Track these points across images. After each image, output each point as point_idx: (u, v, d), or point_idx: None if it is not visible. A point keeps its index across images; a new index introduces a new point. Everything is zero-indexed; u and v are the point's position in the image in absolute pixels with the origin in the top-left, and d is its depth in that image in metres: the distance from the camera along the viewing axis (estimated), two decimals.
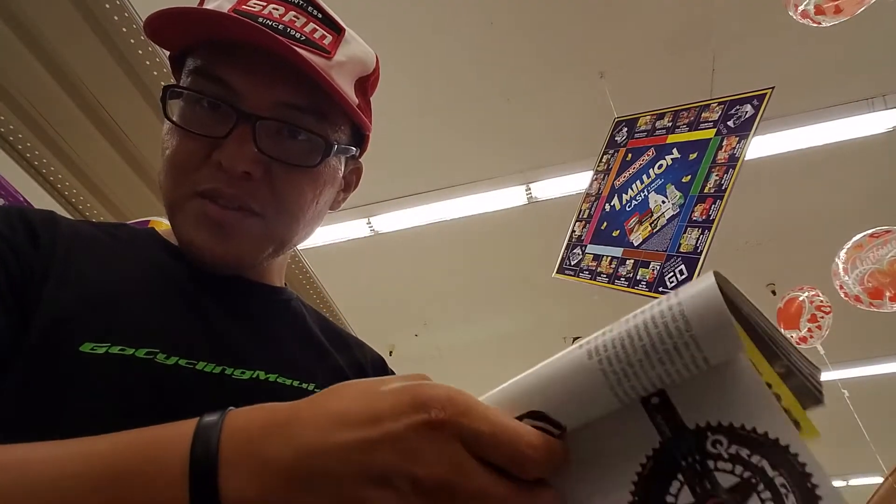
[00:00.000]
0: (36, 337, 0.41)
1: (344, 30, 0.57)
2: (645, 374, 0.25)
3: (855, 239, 2.46)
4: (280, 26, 0.52)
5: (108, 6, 1.71)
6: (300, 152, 0.52)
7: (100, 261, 0.49)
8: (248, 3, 0.52)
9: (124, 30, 1.79)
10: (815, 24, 1.86)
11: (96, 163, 2.13)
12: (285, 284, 0.66)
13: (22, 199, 1.29)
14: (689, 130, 1.90)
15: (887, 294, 2.26)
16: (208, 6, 0.53)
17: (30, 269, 0.44)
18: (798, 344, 3.04)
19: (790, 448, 0.24)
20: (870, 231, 2.42)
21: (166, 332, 0.46)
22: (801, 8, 1.84)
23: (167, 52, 0.57)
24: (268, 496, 0.26)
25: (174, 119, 0.51)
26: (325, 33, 0.55)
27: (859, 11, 1.78)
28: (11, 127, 1.96)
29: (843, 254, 2.47)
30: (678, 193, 1.80)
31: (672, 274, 1.68)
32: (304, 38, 0.53)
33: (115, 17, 1.74)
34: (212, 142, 0.50)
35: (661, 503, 0.25)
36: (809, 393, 0.27)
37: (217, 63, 0.51)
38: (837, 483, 5.89)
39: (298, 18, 0.54)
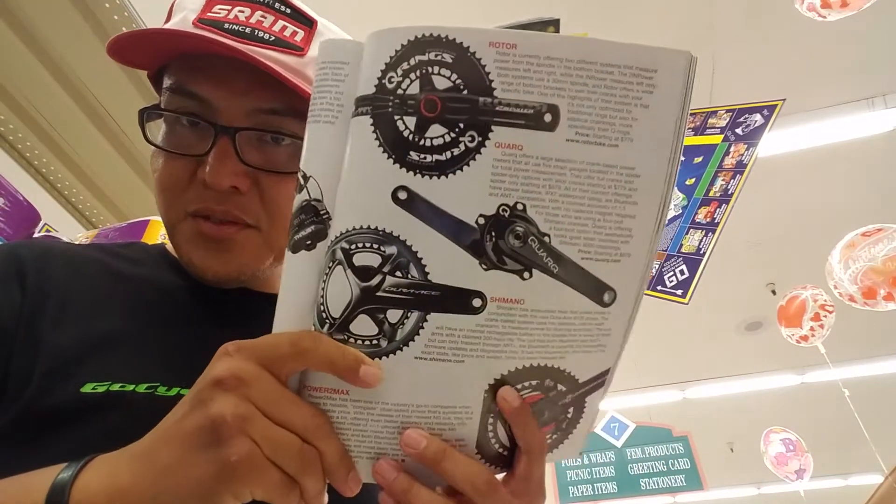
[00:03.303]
0: (37, 380, 0.41)
1: (316, 22, 0.55)
2: (326, 91, 0.33)
3: (847, 237, 2.46)
4: (247, 30, 0.50)
5: (107, 6, 1.71)
6: (285, 158, 0.51)
7: (99, 295, 0.49)
8: (212, 10, 0.51)
9: (124, 29, 1.79)
10: (820, 18, 1.85)
11: (96, 163, 2.14)
12: None
13: (22, 198, 1.29)
14: (694, 135, 1.90)
15: (881, 293, 2.26)
16: (175, 17, 0.52)
17: (17, 314, 0.44)
18: (798, 342, 3.04)
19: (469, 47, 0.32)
20: (861, 230, 2.42)
21: (166, 364, 0.46)
22: (807, 1, 1.83)
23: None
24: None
25: (156, 141, 0.51)
26: (297, 29, 0.53)
27: (865, 6, 1.77)
28: (11, 126, 1.96)
29: (836, 252, 2.47)
30: (681, 195, 1.80)
31: (672, 273, 1.68)
32: (273, 38, 0.51)
33: (115, 17, 1.74)
34: (196, 160, 0.49)
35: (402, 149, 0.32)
36: (537, 25, 0.36)
37: (189, 78, 0.50)
38: (837, 482, 5.89)
39: (266, 17, 0.52)
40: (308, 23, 0.54)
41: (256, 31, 0.51)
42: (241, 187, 0.48)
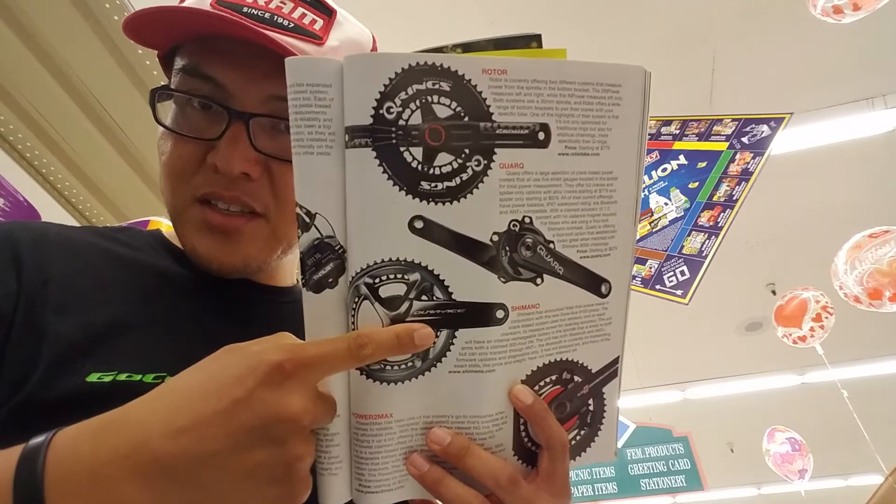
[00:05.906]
0: (42, 369, 0.40)
1: (335, 11, 0.54)
2: (313, 119, 0.33)
3: (854, 239, 2.46)
4: (266, 14, 0.49)
5: (108, 6, 1.71)
6: None
7: (100, 280, 0.47)
8: None
9: None
10: (835, 21, 1.86)
11: (96, 163, 2.14)
12: (297, 280, 0.65)
13: (22, 199, 1.29)
14: (698, 140, 1.91)
15: (886, 294, 2.26)
16: (188, 2, 0.51)
17: (14, 299, 0.42)
18: (795, 343, 3.04)
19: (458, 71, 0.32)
20: (868, 231, 2.43)
21: (172, 354, 0.45)
22: (820, 6, 1.85)
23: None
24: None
25: (166, 123, 0.49)
26: (316, 17, 0.52)
27: (879, 6, 1.78)
28: (11, 127, 1.96)
29: (842, 254, 2.48)
30: (683, 198, 1.80)
31: (672, 273, 1.68)
32: (292, 25, 0.50)
33: (116, 17, 1.74)
34: (207, 144, 0.48)
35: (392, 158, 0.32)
36: (521, 39, 0.36)
37: (204, 60, 0.48)
38: (837, 482, 5.89)
39: (286, 4, 0.51)
40: (327, 12, 0.54)
41: (276, 16, 0.50)
42: (252, 174, 0.47)
